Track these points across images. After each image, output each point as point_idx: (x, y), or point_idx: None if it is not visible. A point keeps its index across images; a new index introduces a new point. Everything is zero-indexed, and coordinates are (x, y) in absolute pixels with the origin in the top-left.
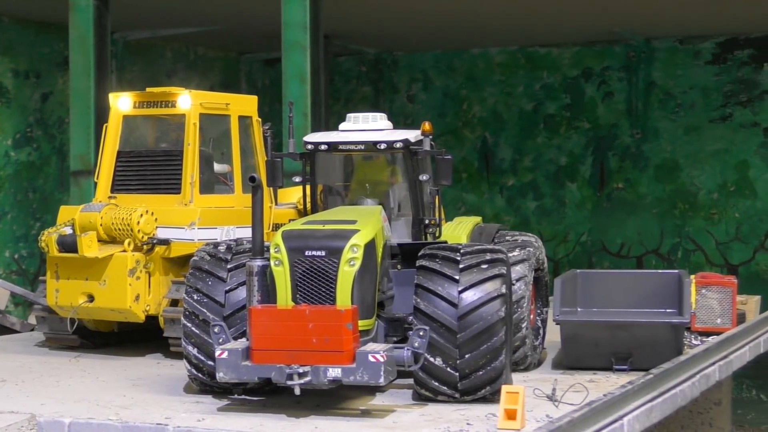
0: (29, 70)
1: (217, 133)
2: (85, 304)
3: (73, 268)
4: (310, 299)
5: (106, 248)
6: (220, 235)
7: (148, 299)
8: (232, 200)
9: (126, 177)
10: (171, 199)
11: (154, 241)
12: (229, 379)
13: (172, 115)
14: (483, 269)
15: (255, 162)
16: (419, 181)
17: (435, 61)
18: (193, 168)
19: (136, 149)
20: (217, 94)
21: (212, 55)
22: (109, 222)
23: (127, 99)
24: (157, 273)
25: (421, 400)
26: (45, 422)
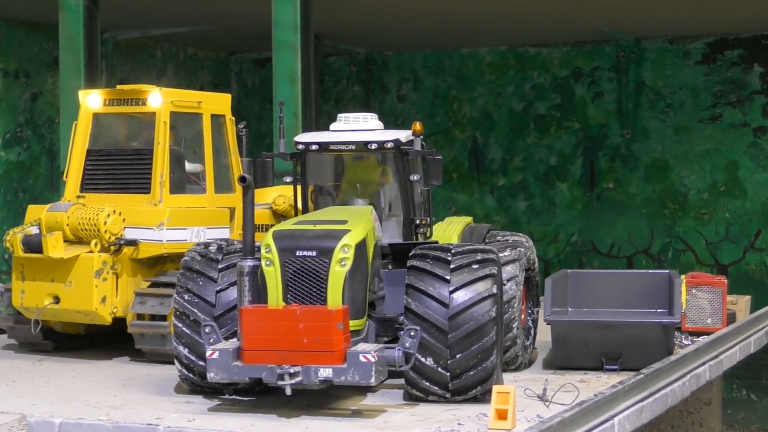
0: (18, 69)
1: (189, 132)
2: (51, 305)
3: (39, 269)
4: (301, 299)
5: (73, 249)
6: (189, 236)
7: (115, 301)
8: (204, 200)
9: (95, 176)
10: (140, 199)
11: (122, 241)
12: (220, 379)
13: (142, 113)
14: (474, 269)
15: (228, 161)
16: (410, 181)
17: (425, 61)
18: (162, 167)
19: (105, 148)
20: (189, 92)
21: (202, 55)
22: (76, 222)
23: (97, 96)
24: (125, 274)
25: (412, 400)
26: (35, 422)
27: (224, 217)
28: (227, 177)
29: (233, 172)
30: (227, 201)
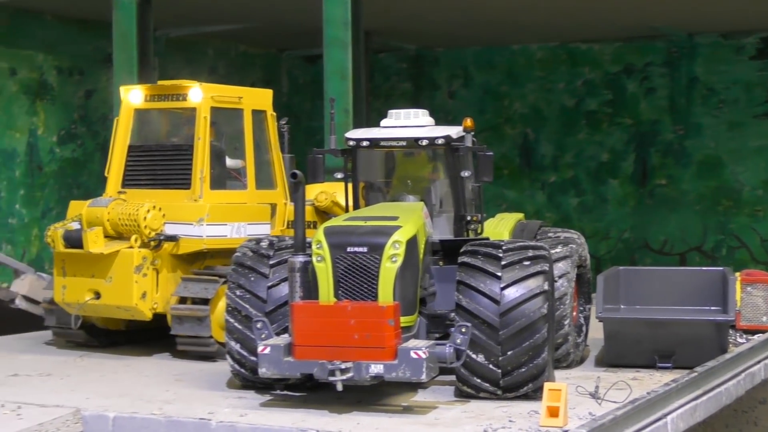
0: (73, 67)
1: (230, 128)
2: (92, 301)
3: (80, 265)
4: (352, 295)
5: (113, 244)
6: (230, 231)
7: (155, 297)
8: (245, 196)
9: (136, 172)
10: (181, 195)
11: (161, 237)
12: (271, 374)
13: (183, 108)
14: (525, 266)
15: (270, 157)
16: (461, 177)
17: (475, 58)
18: (203, 163)
19: (146, 143)
20: (229, 88)
21: (253, 52)
22: (116, 217)
23: (138, 92)
24: (165, 270)
25: (463, 396)
26: (90, 416)
27: (265, 213)
28: (268, 173)
29: (274, 168)
30: (268, 197)
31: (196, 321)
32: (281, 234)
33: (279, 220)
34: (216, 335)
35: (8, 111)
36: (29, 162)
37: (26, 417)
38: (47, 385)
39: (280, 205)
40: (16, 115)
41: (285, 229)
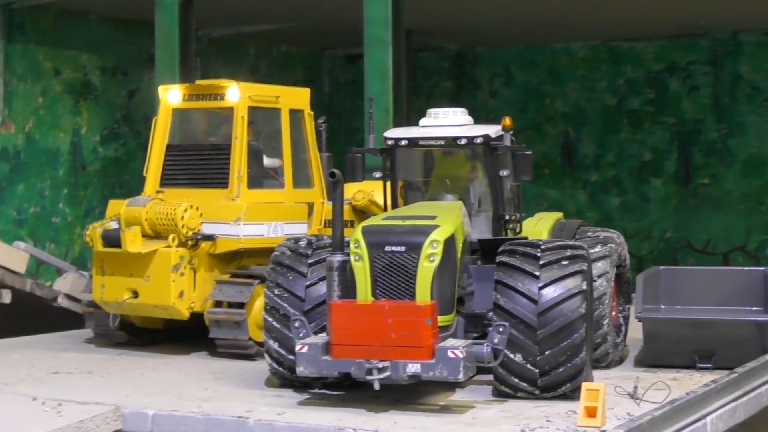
0: (116, 67)
1: (267, 127)
2: (130, 300)
3: (118, 264)
4: (389, 294)
5: (151, 243)
6: (267, 231)
7: (193, 296)
8: (282, 195)
9: (174, 171)
10: (218, 194)
11: (199, 236)
12: (309, 373)
13: (220, 108)
14: (563, 265)
15: (307, 156)
16: (499, 176)
17: (517, 57)
18: (240, 162)
19: (184, 143)
20: (267, 87)
21: (294, 52)
22: (154, 217)
23: (176, 92)
24: (203, 269)
25: (501, 396)
26: (129, 413)
27: (302, 212)
28: (306, 172)
29: (312, 167)
30: (306, 196)
31: (233, 325)
32: (318, 233)
33: (316, 219)
34: (254, 335)
35: (52, 111)
36: (73, 161)
37: (66, 414)
38: (88, 383)
39: (318, 204)
40: (60, 114)
41: (322, 228)
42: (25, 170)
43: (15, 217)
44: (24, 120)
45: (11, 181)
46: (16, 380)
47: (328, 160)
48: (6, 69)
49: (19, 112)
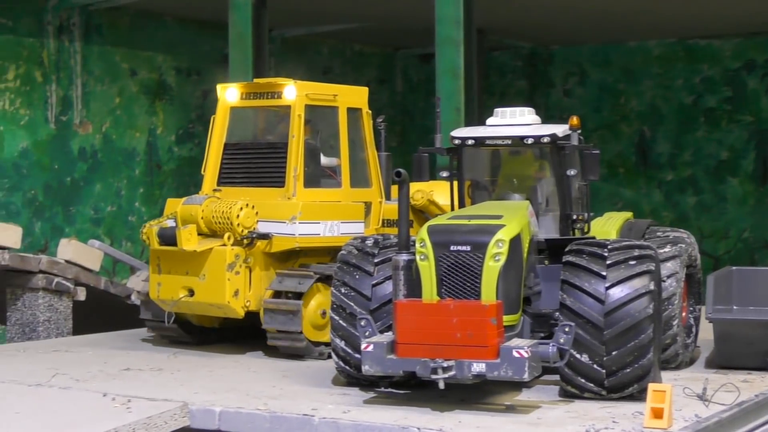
0: (191, 67)
1: (325, 126)
2: (185, 298)
3: (174, 262)
4: (455, 294)
5: (206, 242)
6: (323, 230)
7: (248, 295)
8: (339, 194)
9: (232, 170)
10: (275, 193)
11: (254, 235)
12: (374, 372)
13: (277, 106)
14: (631, 265)
15: (365, 155)
16: (566, 175)
17: (591, 55)
18: (297, 161)
19: (241, 141)
20: (324, 85)
21: (368, 51)
22: (210, 215)
23: (234, 90)
24: (258, 268)
25: (568, 396)
26: (197, 410)
27: (359, 211)
28: (364, 171)
29: (370, 166)
30: (363, 195)
31: (287, 315)
32: (376, 232)
33: (374, 219)
34: (307, 333)
35: (129, 111)
36: (148, 161)
37: (135, 410)
38: (157, 380)
39: (375, 203)
40: (137, 114)
41: (380, 228)
42: (102, 170)
43: (92, 215)
44: (101, 120)
45: (89, 180)
46: (88, 376)
47: (387, 160)
48: (84, 70)
49: (97, 113)
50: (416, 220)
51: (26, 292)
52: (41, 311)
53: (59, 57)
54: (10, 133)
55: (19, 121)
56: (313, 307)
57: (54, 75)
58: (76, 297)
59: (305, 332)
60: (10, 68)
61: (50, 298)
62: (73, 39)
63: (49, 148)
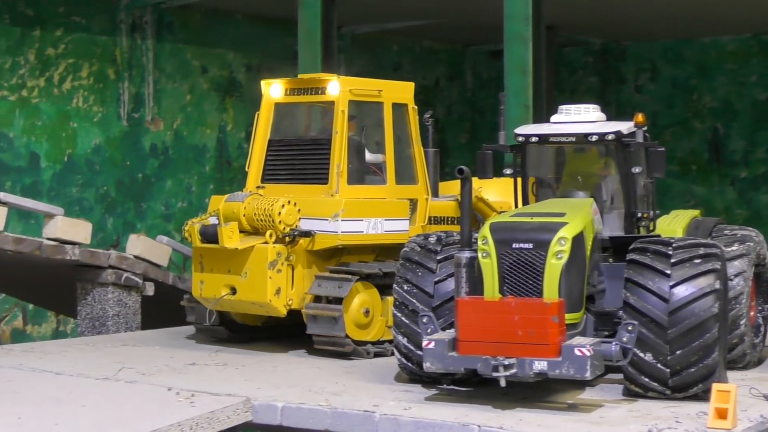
0: (261, 64)
1: (370, 121)
2: (228, 296)
3: (216, 260)
4: (517, 291)
5: (248, 240)
6: (366, 227)
7: (290, 293)
8: (384, 191)
9: (276, 166)
10: (318, 190)
11: (296, 232)
12: (436, 369)
13: (321, 102)
14: (696, 264)
15: (411, 152)
16: (631, 173)
17: (663, 51)
18: (340, 157)
19: (285, 138)
20: (369, 81)
21: (437, 48)
22: (252, 212)
23: (278, 86)
24: (301, 266)
25: (632, 395)
26: (259, 405)
27: (404, 208)
28: (410, 168)
29: (416, 162)
30: (409, 192)
31: (330, 321)
32: (421, 230)
33: (420, 216)
34: (351, 333)
35: (199, 108)
36: (219, 157)
37: (199, 404)
38: (222, 375)
39: (421, 200)
40: (207, 111)
41: (426, 225)
42: (173, 166)
43: (163, 211)
44: (172, 117)
45: (160, 176)
46: (154, 371)
47: (435, 156)
48: (155, 67)
49: (168, 110)
50: None
51: (96, 287)
52: (111, 306)
53: (131, 55)
54: (83, 130)
55: (92, 118)
56: (355, 307)
57: (126, 72)
58: (144, 292)
59: (350, 333)
60: (84, 66)
61: (119, 293)
62: (146, 37)
63: (121, 145)
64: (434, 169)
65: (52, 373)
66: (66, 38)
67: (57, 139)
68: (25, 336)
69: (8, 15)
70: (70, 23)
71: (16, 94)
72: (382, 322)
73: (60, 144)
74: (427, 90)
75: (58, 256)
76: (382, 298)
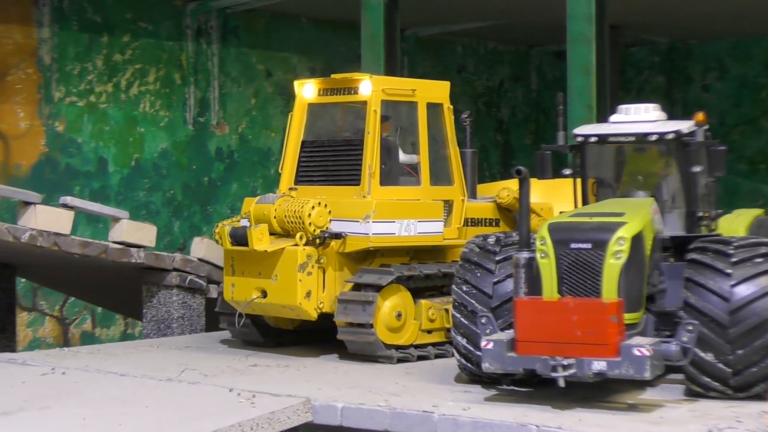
0: (326, 67)
1: (404, 122)
2: (259, 299)
3: (248, 263)
4: (575, 292)
5: (278, 242)
6: (398, 229)
7: (321, 296)
8: (418, 192)
9: (309, 167)
10: (350, 191)
11: (326, 234)
12: (494, 369)
13: (354, 102)
14: (757, 263)
15: (447, 152)
16: (691, 172)
17: (731, 49)
18: (372, 158)
19: (319, 138)
20: (402, 80)
21: (502, 49)
22: (282, 214)
23: (311, 86)
24: (332, 269)
25: (693, 395)
26: (319, 406)
27: (437, 209)
28: (446, 168)
29: (452, 163)
30: (444, 193)
31: (360, 307)
32: (457, 232)
33: (456, 218)
34: (381, 334)
35: (264, 111)
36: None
37: (259, 405)
38: (283, 376)
39: (457, 201)
40: (272, 115)
41: (462, 227)
42: (239, 169)
43: (229, 215)
44: (237, 121)
45: (225, 180)
46: (217, 372)
47: (473, 157)
48: (221, 72)
49: (233, 114)
50: (502, 218)
51: (161, 289)
52: (175, 308)
53: (197, 59)
54: (150, 135)
55: (159, 122)
56: (388, 308)
57: (192, 77)
58: (208, 294)
59: (378, 332)
60: (150, 71)
61: (184, 295)
62: (211, 41)
63: (187, 149)
64: (472, 170)
65: (117, 374)
66: (133, 44)
67: (124, 144)
68: (94, 339)
69: (77, 22)
70: (137, 29)
71: (84, 100)
72: (415, 326)
73: (127, 148)
74: (492, 91)
75: (123, 259)
76: (416, 302)
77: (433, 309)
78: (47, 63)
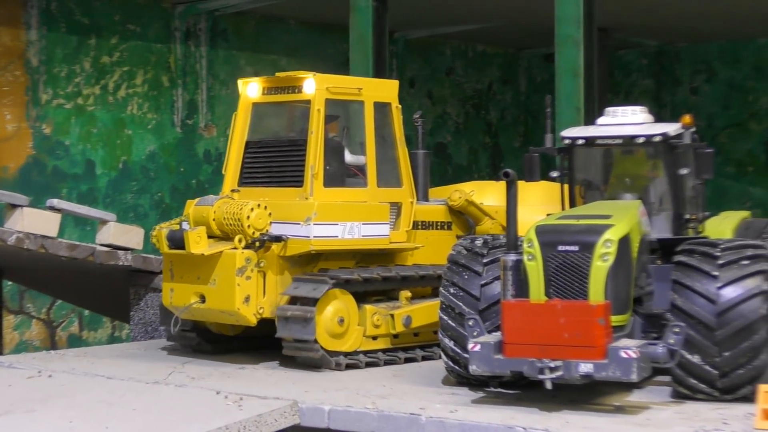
0: (314, 70)
1: (352, 122)
2: (197, 305)
3: (186, 267)
4: (562, 294)
5: (217, 245)
6: (341, 232)
7: (261, 301)
8: (365, 194)
9: (252, 169)
10: (294, 193)
11: (265, 237)
12: (482, 371)
13: (298, 101)
14: (744, 265)
15: (396, 153)
16: (679, 175)
17: (719, 52)
18: (315, 158)
19: (263, 139)
20: (348, 78)
21: (491, 51)
22: (221, 216)
23: (255, 85)
24: (272, 273)
25: (680, 397)
26: (306, 408)
27: (384, 212)
28: (394, 170)
29: (401, 164)
30: (392, 195)
31: (301, 323)
32: (405, 235)
33: (404, 221)
34: (323, 342)
35: None
36: None
37: (246, 408)
38: (271, 378)
39: (406, 204)
40: None
41: (410, 230)
42: None
43: None
44: (225, 123)
45: (213, 182)
46: (204, 374)
47: (425, 158)
48: (209, 74)
49: (221, 116)
50: (455, 221)
51: (149, 292)
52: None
53: (186, 62)
54: (138, 137)
55: (146, 124)
56: (329, 314)
57: (180, 79)
58: None
59: (320, 341)
60: (138, 73)
61: None
62: (199, 44)
63: (175, 151)
64: (424, 171)
65: (104, 377)
66: (121, 46)
67: (112, 146)
68: (81, 341)
69: (64, 24)
70: (126, 31)
71: (72, 102)
72: (359, 332)
73: (115, 151)
74: (481, 94)
75: (110, 261)
76: (360, 307)
77: (378, 315)
78: (35, 65)
